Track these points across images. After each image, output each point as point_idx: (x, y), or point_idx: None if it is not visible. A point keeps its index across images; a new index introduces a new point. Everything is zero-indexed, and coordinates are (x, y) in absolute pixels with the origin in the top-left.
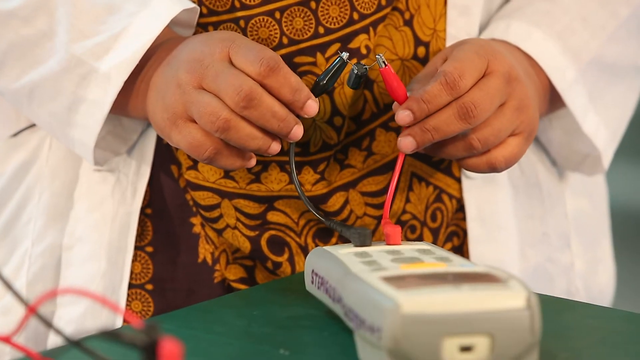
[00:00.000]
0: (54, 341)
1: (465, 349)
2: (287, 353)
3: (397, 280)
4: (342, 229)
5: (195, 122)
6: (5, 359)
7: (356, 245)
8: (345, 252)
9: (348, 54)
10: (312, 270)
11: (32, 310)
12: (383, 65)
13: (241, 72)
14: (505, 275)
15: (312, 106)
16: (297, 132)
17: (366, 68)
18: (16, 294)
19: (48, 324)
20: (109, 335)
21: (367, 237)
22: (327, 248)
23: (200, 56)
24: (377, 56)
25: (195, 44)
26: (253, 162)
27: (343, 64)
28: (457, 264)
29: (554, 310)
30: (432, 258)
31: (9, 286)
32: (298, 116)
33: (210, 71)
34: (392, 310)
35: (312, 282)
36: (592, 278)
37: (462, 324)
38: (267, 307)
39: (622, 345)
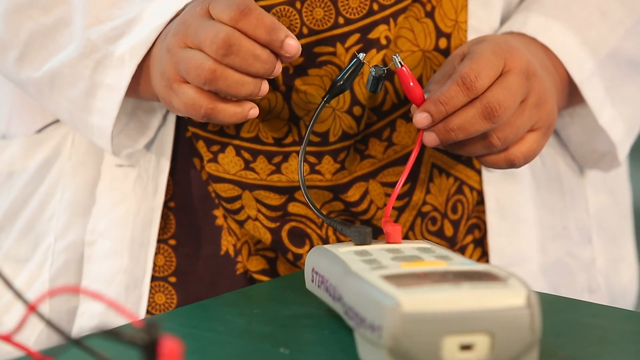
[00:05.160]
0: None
1: (466, 347)
2: (288, 352)
3: (397, 279)
4: (343, 228)
5: (188, 82)
6: (6, 358)
7: (356, 244)
8: (345, 251)
9: (364, 54)
10: (313, 269)
11: (32, 308)
12: (399, 66)
13: (218, 21)
14: (505, 273)
15: (292, 44)
16: (278, 69)
17: (384, 70)
18: (16, 292)
19: (48, 322)
20: (110, 334)
21: (367, 235)
22: (327, 246)
23: (184, 18)
24: (393, 56)
25: (182, 14)
26: (255, 111)
27: (360, 64)
28: (457, 263)
29: (554, 309)
30: (432, 256)
31: (8, 284)
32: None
33: (191, 28)
34: (392, 309)
35: (313, 281)
36: (614, 276)
37: (462, 323)
38: (268, 306)
39: (622, 343)
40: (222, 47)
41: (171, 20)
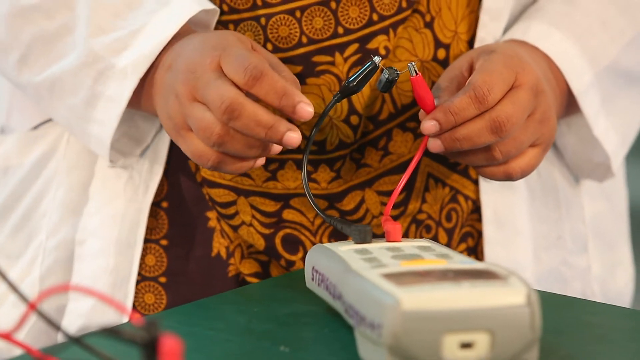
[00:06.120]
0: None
1: (466, 345)
2: (288, 350)
3: (398, 277)
4: (343, 226)
5: None
6: (6, 356)
7: (356, 242)
8: (345, 249)
9: (381, 58)
10: (313, 267)
11: (32, 307)
12: (414, 74)
13: (228, 82)
14: (505, 272)
15: (304, 109)
16: (290, 138)
17: (397, 73)
18: (17, 291)
19: (49, 320)
20: (110, 332)
21: (367, 234)
22: (328, 245)
23: (194, 67)
24: (408, 65)
25: (191, 52)
26: (261, 162)
27: (374, 67)
28: (457, 261)
29: (554, 307)
30: (432, 255)
31: (9, 284)
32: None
33: (200, 82)
34: (393, 307)
35: (313, 279)
36: (610, 281)
37: (462, 321)
38: (268, 304)
39: (622, 342)
40: (226, 113)
41: (174, 37)
